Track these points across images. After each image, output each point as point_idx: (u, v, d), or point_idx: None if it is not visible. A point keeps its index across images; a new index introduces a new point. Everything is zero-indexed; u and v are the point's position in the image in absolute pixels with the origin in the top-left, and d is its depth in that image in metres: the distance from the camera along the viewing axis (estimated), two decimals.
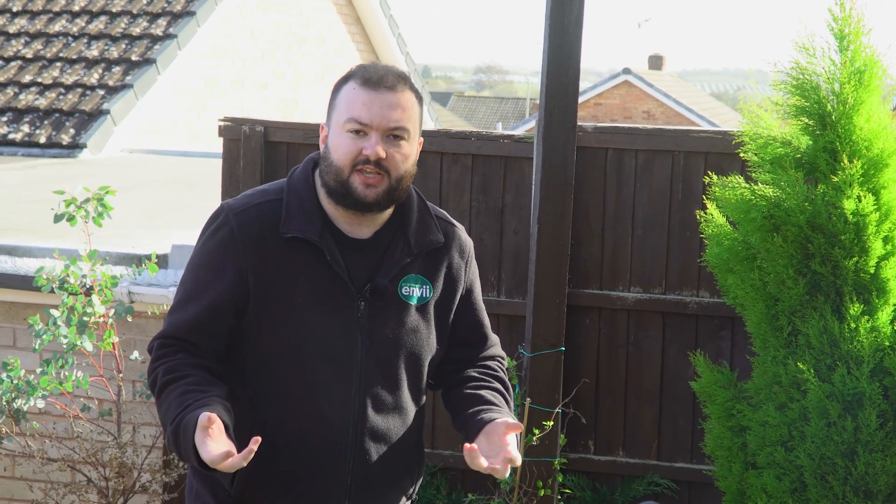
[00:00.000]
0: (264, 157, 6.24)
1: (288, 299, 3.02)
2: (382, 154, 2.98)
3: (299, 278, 3.03)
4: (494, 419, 3.00)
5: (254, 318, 3.03)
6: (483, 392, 3.16)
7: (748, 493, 5.07)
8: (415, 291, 3.12)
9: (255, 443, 2.73)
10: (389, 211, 3.12)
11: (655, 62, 41.62)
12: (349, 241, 3.07)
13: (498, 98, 60.71)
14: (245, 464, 2.75)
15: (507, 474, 2.92)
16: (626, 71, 35.33)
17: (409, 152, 3.05)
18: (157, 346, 3.05)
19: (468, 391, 3.17)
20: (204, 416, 2.76)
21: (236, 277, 3.01)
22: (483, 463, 2.85)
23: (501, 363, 3.34)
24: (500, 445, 2.92)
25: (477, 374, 3.23)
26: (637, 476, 6.08)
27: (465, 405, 3.14)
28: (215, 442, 2.76)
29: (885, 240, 4.91)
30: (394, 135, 3.01)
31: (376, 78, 3.02)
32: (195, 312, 3.03)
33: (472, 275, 3.26)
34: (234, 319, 3.04)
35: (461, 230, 3.27)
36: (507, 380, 3.28)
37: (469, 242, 3.27)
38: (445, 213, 3.29)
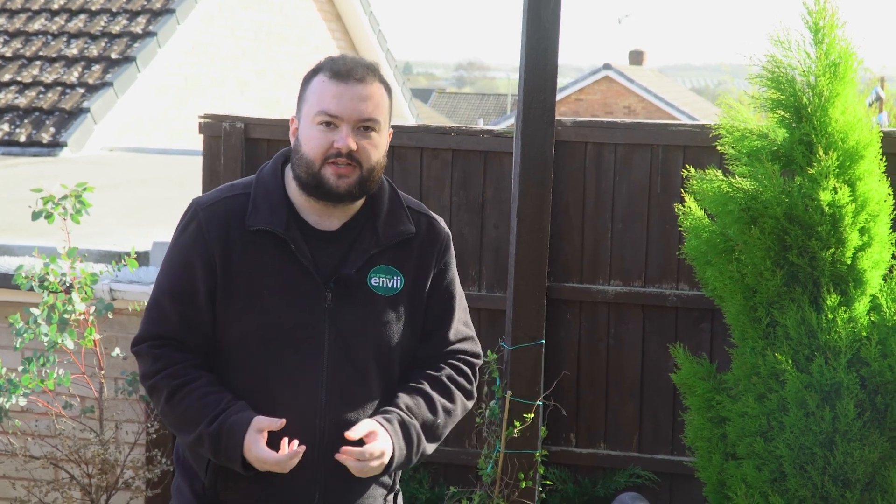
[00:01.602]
0: (245, 153, 6.24)
1: (254, 290, 3.05)
2: (353, 146, 3.02)
3: (265, 270, 3.06)
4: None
5: (221, 309, 3.07)
6: (399, 396, 3.16)
7: (728, 484, 5.10)
8: (384, 282, 3.13)
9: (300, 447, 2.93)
10: (360, 202, 3.15)
11: (636, 57, 41.68)
12: (317, 233, 3.10)
13: (479, 94, 60.76)
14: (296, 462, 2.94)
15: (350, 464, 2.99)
16: (607, 66, 35.40)
17: (380, 143, 3.09)
18: (147, 348, 3.09)
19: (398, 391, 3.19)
20: (262, 420, 2.95)
21: (205, 269, 3.06)
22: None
23: (465, 360, 3.28)
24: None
25: (418, 377, 3.22)
26: (618, 468, 6.11)
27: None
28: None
29: (861, 231, 4.94)
30: (364, 126, 3.04)
31: (345, 70, 3.06)
32: (178, 309, 3.07)
33: (443, 265, 3.23)
34: (212, 311, 3.08)
35: (437, 220, 3.26)
36: (451, 385, 3.22)
37: (444, 233, 3.25)
38: (422, 204, 3.30)
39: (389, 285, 3.14)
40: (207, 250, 3.06)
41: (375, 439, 3.00)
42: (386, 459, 3.02)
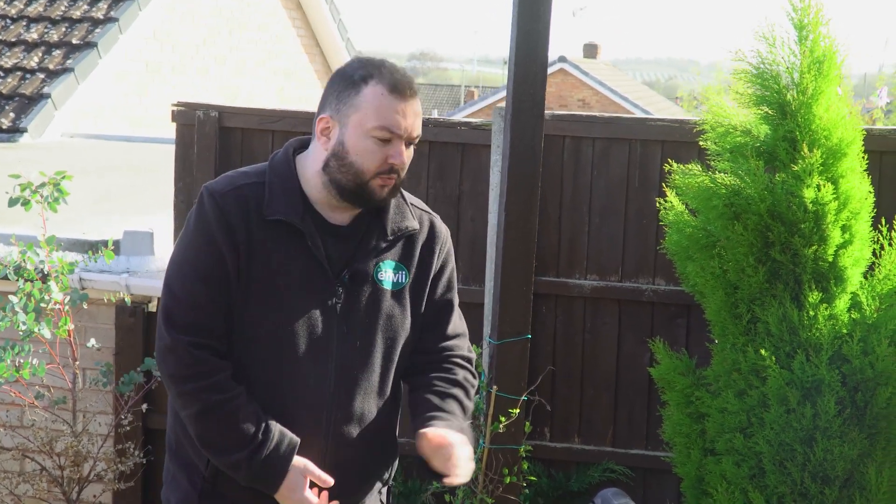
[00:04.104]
0: (219, 142, 6.17)
1: (269, 281, 3.04)
2: (406, 162, 3.06)
3: (280, 261, 3.05)
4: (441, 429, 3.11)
5: (238, 297, 3.04)
6: (438, 400, 3.22)
7: (707, 480, 5.10)
8: (390, 276, 3.16)
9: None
10: None
11: (590, 51, 41.75)
12: (329, 227, 3.11)
13: (432, 85, 60.71)
14: None
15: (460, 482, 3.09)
16: (562, 59, 35.39)
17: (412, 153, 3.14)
18: (186, 346, 3.01)
19: (428, 396, 3.22)
20: (310, 467, 3.02)
21: (232, 253, 3.03)
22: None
23: (465, 364, 3.35)
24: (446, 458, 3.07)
25: (439, 381, 3.26)
26: (593, 463, 6.10)
27: (422, 410, 3.21)
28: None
29: (843, 228, 4.95)
30: (411, 141, 3.08)
31: (403, 86, 3.03)
32: (211, 294, 3.03)
33: (443, 262, 3.28)
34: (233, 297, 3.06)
35: (436, 218, 3.31)
36: (467, 385, 3.30)
37: (443, 230, 3.30)
38: (421, 201, 3.33)
39: (395, 280, 3.17)
40: (233, 235, 3.03)
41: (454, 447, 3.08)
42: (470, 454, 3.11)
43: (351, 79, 3.06)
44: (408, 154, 3.07)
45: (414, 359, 3.28)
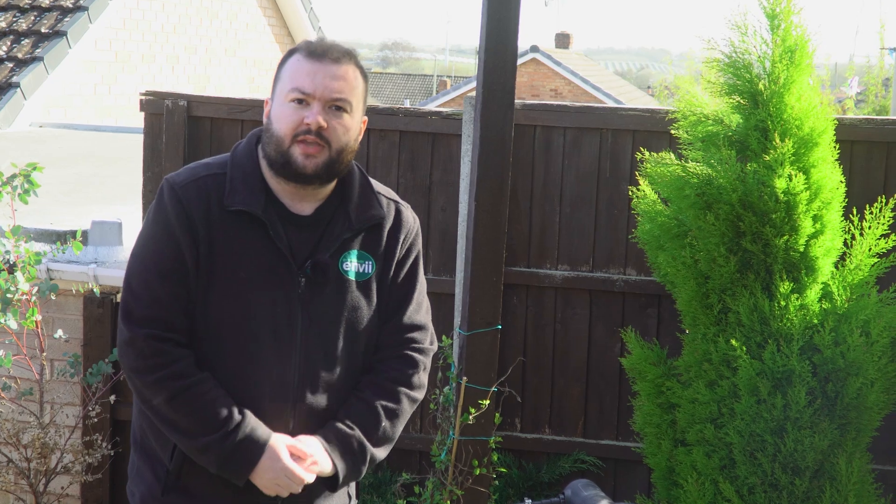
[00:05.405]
0: (187, 132, 6.12)
1: (231, 273, 3.01)
2: (323, 124, 2.99)
3: (242, 252, 3.02)
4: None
5: (199, 290, 3.02)
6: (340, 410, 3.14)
7: (677, 470, 5.09)
8: (355, 267, 3.12)
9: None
10: (331, 186, 3.13)
11: (562, 40, 41.72)
12: (292, 217, 3.07)
13: (405, 75, 60.65)
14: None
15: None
16: (534, 49, 35.36)
17: (351, 125, 3.06)
18: (144, 339, 2.99)
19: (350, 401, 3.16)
20: (293, 444, 3.00)
21: (191, 246, 3.00)
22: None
23: (416, 348, 3.23)
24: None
25: (368, 387, 3.18)
26: (563, 453, 6.08)
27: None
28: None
29: (815, 218, 4.95)
30: (336, 106, 3.02)
31: (321, 50, 3.04)
32: (169, 288, 3.00)
33: (406, 252, 3.22)
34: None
35: (405, 207, 3.26)
36: (395, 385, 3.17)
37: (411, 220, 3.25)
38: (391, 190, 3.28)
39: (361, 270, 3.13)
40: (192, 227, 3.00)
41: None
42: (325, 468, 3.04)
43: (282, 59, 3.11)
44: (339, 122, 3.02)
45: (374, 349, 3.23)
